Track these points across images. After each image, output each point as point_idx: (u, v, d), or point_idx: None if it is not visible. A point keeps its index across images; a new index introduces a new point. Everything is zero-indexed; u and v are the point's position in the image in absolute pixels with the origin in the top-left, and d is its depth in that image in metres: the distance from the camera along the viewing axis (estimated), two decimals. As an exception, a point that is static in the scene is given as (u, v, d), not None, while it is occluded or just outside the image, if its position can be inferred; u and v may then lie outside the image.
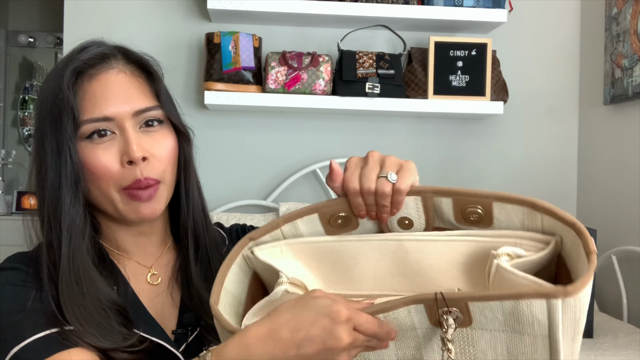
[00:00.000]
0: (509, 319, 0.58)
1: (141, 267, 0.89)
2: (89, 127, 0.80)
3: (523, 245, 0.68)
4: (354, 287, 0.74)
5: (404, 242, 0.72)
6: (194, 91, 2.19)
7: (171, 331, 0.86)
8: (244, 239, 0.74)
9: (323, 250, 0.74)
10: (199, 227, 0.91)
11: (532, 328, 0.57)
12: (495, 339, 0.60)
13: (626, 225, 1.97)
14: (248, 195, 2.23)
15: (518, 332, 0.58)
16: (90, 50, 0.83)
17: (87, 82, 0.81)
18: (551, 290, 0.55)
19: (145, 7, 2.19)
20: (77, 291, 0.77)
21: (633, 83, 1.90)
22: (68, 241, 0.79)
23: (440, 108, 2.07)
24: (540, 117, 2.31)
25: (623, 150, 2.02)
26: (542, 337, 0.58)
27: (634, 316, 1.92)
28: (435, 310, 0.59)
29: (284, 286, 0.70)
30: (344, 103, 2.04)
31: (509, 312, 0.57)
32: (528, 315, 0.56)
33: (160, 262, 0.91)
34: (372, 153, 0.74)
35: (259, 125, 2.23)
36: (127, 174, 0.80)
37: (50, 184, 0.80)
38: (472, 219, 0.71)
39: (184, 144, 0.89)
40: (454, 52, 2.08)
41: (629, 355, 1.49)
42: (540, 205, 0.68)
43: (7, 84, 3.82)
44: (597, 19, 2.17)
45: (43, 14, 3.82)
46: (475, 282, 0.70)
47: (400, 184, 0.70)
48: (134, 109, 0.82)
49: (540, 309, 0.56)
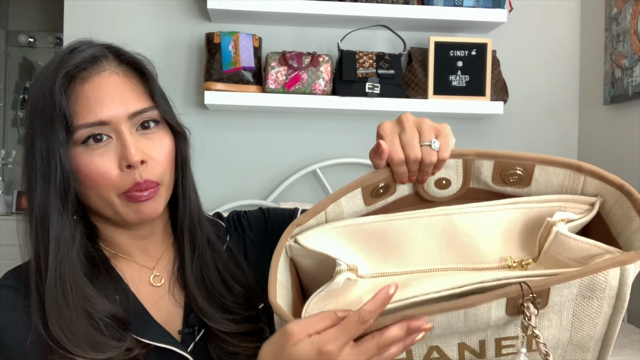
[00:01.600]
0: (583, 290, 0.60)
1: (143, 269, 0.88)
2: (83, 132, 0.78)
3: (568, 208, 0.70)
4: (401, 264, 0.73)
5: (453, 216, 0.72)
6: (194, 91, 2.19)
7: (177, 331, 0.85)
8: (291, 225, 0.72)
9: (369, 231, 0.73)
10: (195, 227, 0.89)
11: (602, 293, 0.60)
12: (563, 307, 0.62)
13: (626, 225, 1.97)
14: (248, 195, 2.23)
15: (587, 298, 0.61)
16: (81, 52, 0.81)
17: (80, 85, 0.78)
18: (627, 258, 0.59)
19: (145, 7, 2.19)
20: (63, 303, 0.75)
21: (633, 83, 1.90)
22: (55, 252, 0.77)
23: (440, 108, 2.07)
24: (540, 117, 2.31)
25: (623, 150, 2.01)
26: (610, 298, 0.61)
27: (634, 316, 1.92)
28: (518, 300, 0.59)
29: (345, 274, 0.69)
30: (344, 103, 2.04)
31: (585, 285, 0.60)
32: (603, 283, 0.59)
33: (162, 262, 0.90)
34: (406, 117, 0.72)
35: (259, 125, 2.23)
36: (126, 178, 0.79)
37: (39, 192, 0.78)
38: (511, 180, 0.73)
39: (180, 143, 0.87)
40: (454, 52, 2.08)
41: (629, 355, 1.49)
42: (585, 168, 0.70)
43: (7, 84, 3.82)
44: (597, 19, 2.17)
45: (43, 14, 3.82)
46: (525, 248, 0.71)
47: (443, 152, 0.71)
48: (129, 111, 0.80)
49: (614, 275, 0.59)
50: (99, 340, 0.75)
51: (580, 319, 0.62)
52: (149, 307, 0.84)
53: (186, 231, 0.89)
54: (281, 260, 0.71)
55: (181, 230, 0.89)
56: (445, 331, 0.61)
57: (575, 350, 0.65)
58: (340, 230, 0.73)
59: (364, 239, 0.73)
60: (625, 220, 0.66)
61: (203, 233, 0.90)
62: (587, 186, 0.71)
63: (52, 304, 0.75)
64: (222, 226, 0.97)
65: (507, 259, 0.70)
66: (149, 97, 0.83)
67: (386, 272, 0.73)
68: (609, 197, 0.69)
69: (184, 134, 0.88)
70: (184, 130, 0.88)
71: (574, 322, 0.62)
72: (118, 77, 0.81)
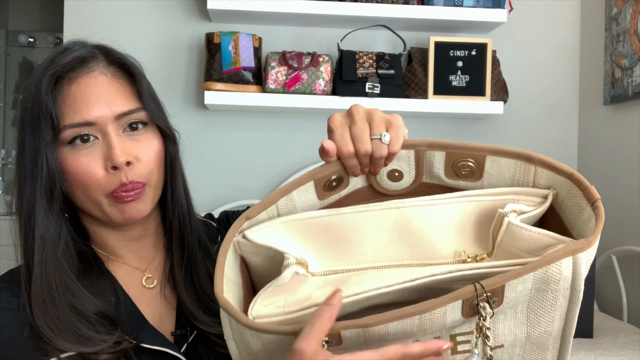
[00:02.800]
0: (537, 283, 0.59)
1: (135, 271, 0.88)
2: (70, 132, 0.78)
3: (521, 200, 0.69)
4: (353, 261, 0.71)
5: (405, 209, 0.71)
6: (194, 91, 2.19)
7: (170, 332, 0.85)
8: (240, 218, 0.70)
9: (320, 226, 0.71)
10: (184, 228, 0.90)
11: (557, 285, 0.59)
12: (518, 301, 0.61)
13: (626, 225, 1.97)
14: (248, 195, 2.23)
15: (542, 291, 0.60)
16: (71, 52, 0.81)
17: (67, 86, 0.79)
18: (577, 246, 0.58)
19: (145, 7, 2.19)
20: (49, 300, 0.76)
21: (633, 83, 1.90)
22: (41, 250, 0.78)
23: (440, 108, 2.07)
24: (540, 117, 2.31)
25: (623, 150, 2.01)
26: (565, 290, 0.60)
27: (634, 316, 1.92)
28: (472, 301, 0.58)
29: (293, 268, 0.67)
30: (344, 103, 2.04)
31: (539, 279, 0.59)
32: (556, 275, 0.58)
33: (154, 263, 0.90)
34: (356, 109, 0.71)
35: (259, 125, 2.23)
36: (112, 179, 0.79)
37: (27, 190, 0.79)
38: (463, 173, 0.72)
39: (169, 145, 0.87)
40: (454, 52, 2.08)
41: (629, 355, 1.49)
42: (535, 158, 0.69)
43: (7, 84, 3.82)
44: (597, 19, 2.17)
45: (43, 14, 3.82)
46: (480, 242, 0.70)
47: (394, 146, 0.70)
48: (116, 112, 0.80)
49: (567, 265, 0.58)
50: (87, 334, 0.75)
51: (536, 312, 0.61)
52: (142, 309, 0.84)
53: (175, 232, 0.89)
54: (229, 255, 0.68)
55: (170, 232, 0.89)
56: (400, 337, 0.59)
57: (534, 349, 0.64)
58: (291, 225, 0.71)
59: (315, 234, 0.71)
60: (577, 211, 0.66)
61: (193, 234, 0.90)
62: (539, 178, 0.70)
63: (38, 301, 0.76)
64: (214, 226, 0.98)
65: (461, 253, 0.69)
66: (136, 99, 0.83)
67: (338, 269, 0.70)
68: (560, 188, 0.68)
69: (172, 136, 0.88)
70: (172, 132, 0.88)
71: (529, 316, 0.61)
72: (106, 78, 0.81)
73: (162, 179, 0.86)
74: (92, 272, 0.82)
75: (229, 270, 0.67)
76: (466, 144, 0.71)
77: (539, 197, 0.69)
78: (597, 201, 0.62)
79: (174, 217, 0.89)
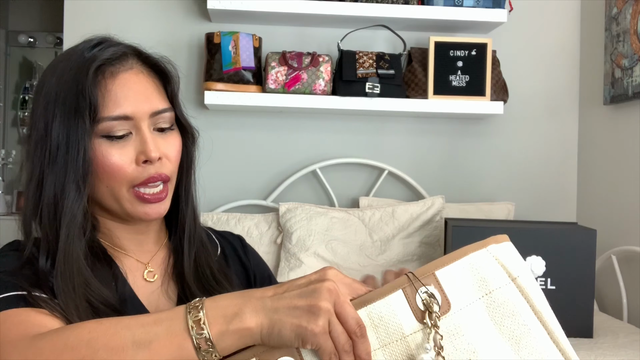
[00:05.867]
0: (476, 283, 0.62)
1: (138, 264, 0.89)
2: (107, 125, 0.80)
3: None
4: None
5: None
6: (194, 91, 2.19)
7: None
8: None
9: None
10: (194, 227, 0.92)
11: (495, 281, 0.63)
12: (475, 312, 0.62)
13: (626, 225, 1.97)
14: (248, 195, 2.23)
15: (488, 293, 0.62)
16: (108, 47, 0.83)
17: (109, 79, 0.81)
18: (487, 240, 0.65)
19: (145, 7, 2.19)
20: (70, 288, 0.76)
21: (633, 83, 1.90)
22: (66, 237, 0.78)
23: (440, 108, 2.07)
24: (540, 117, 2.31)
25: (623, 150, 2.02)
26: (507, 285, 0.63)
27: (634, 316, 1.92)
28: (414, 292, 0.61)
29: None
30: (344, 103, 2.04)
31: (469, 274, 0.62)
32: (485, 269, 0.63)
33: (156, 259, 0.91)
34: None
35: (259, 125, 2.23)
36: (141, 172, 0.81)
37: (55, 176, 0.80)
38: None
39: (189, 144, 0.91)
40: (454, 52, 2.08)
41: (629, 355, 1.49)
42: None
43: (7, 84, 3.82)
44: (597, 19, 2.17)
45: (43, 14, 3.82)
46: None
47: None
48: (153, 109, 0.83)
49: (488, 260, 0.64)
50: None
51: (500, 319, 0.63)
52: (142, 300, 0.86)
53: (187, 229, 0.91)
54: None
55: (182, 229, 0.91)
56: None
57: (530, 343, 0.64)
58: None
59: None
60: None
61: (198, 235, 0.93)
62: None
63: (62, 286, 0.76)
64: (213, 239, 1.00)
65: None
66: (167, 99, 0.87)
67: None
68: None
69: (193, 136, 0.92)
70: (194, 132, 0.92)
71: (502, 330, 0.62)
72: (144, 76, 0.84)
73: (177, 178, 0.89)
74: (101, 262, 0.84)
75: None
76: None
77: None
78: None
79: (187, 214, 0.92)
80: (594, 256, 1.64)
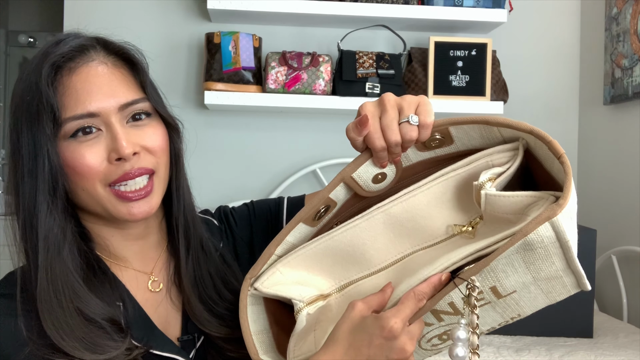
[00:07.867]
0: (520, 251, 0.62)
1: (141, 275, 0.85)
2: (72, 125, 0.74)
3: (495, 161, 0.70)
4: (363, 268, 0.75)
5: (388, 209, 0.74)
6: (194, 91, 2.19)
7: (177, 338, 0.83)
8: (245, 281, 0.76)
9: (318, 252, 0.75)
10: (189, 225, 0.87)
11: (542, 244, 0.61)
12: (511, 259, 0.63)
13: (626, 225, 1.97)
14: (248, 195, 2.23)
15: (530, 250, 0.62)
16: (68, 42, 0.78)
17: (67, 76, 0.75)
18: (550, 213, 0.59)
19: (145, 7, 2.19)
20: (56, 305, 0.72)
21: (633, 83, 1.90)
22: (45, 252, 0.73)
23: (440, 108, 2.07)
24: (540, 117, 2.31)
25: (623, 150, 2.01)
26: (552, 245, 0.62)
27: (634, 316, 1.92)
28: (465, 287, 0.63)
29: (304, 311, 0.73)
30: (344, 103, 2.04)
31: (520, 246, 0.61)
32: (537, 239, 0.60)
33: (159, 265, 0.87)
34: (387, 97, 0.71)
35: (259, 125, 2.23)
36: (114, 170, 0.76)
37: (27, 189, 0.75)
38: (434, 145, 0.74)
39: (174, 136, 0.84)
40: (454, 52, 2.08)
41: (629, 355, 1.49)
42: (493, 121, 0.70)
43: (7, 84, 3.82)
44: (597, 19, 2.17)
45: (43, 14, 3.82)
46: (466, 209, 0.73)
47: (424, 120, 0.70)
48: (120, 103, 0.76)
49: (545, 229, 0.60)
50: (97, 341, 0.72)
51: (534, 263, 0.63)
52: (150, 314, 0.82)
53: (181, 228, 0.86)
54: (251, 311, 0.75)
55: (176, 228, 0.86)
56: None
57: (549, 281, 0.65)
58: (291, 262, 0.76)
59: (316, 260, 0.76)
60: (549, 160, 0.67)
61: (197, 234, 0.88)
62: (504, 133, 0.71)
63: (46, 306, 0.72)
64: (215, 225, 0.95)
65: (453, 227, 0.73)
66: (139, 88, 0.81)
67: (352, 279, 0.76)
68: (528, 139, 0.70)
69: (176, 127, 0.85)
70: (176, 122, 0.85)
71: (529, 266, 0.63)
72: (107, 67, 0.78)
73: (168, 172, 0.83)
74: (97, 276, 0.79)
75: (254, 325, 0.75)
76: None
77: (510, 151, 0.71)
78: (562, 156, 0.63)
79: (180, 211, 0.86)
80: (594, 256, 1.64)
